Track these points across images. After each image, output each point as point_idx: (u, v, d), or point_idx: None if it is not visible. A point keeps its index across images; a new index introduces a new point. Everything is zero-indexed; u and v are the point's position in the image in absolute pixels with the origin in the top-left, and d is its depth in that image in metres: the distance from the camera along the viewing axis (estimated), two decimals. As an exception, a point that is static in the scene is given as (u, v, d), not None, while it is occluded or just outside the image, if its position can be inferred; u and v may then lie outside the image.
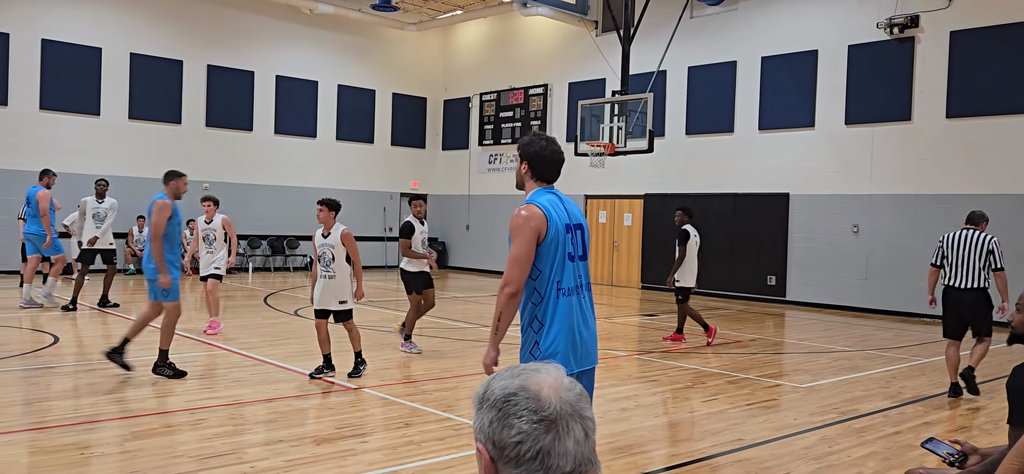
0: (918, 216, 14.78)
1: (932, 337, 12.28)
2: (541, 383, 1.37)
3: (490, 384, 1.40)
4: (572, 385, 1.39)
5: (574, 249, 3.70)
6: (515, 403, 1.34)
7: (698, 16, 18.19)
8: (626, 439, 6.03)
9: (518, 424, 1.32)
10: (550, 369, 1.41)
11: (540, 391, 1.35)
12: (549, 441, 1.32)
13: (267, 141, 21.27)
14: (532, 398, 1.35)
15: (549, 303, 3.61)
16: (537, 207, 3.62)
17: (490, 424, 1.35)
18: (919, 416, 7.06)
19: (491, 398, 1.37)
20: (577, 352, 3.67)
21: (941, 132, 14.61)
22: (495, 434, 1.34)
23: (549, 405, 1.34)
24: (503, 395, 1.36)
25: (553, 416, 1.33)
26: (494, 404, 1.36)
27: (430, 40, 24.38)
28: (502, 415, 1.34)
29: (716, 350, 10.45)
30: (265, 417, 6.42)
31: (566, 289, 3.63)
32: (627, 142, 15.68)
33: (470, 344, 10.47)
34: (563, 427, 1.33)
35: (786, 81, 16.74)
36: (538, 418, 1.32)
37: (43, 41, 17.99)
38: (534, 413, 1.33)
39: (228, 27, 20.54)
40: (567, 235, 3.66)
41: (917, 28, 14.82)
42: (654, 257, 19.24)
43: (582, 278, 3.76)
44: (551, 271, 3.61)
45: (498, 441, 1.34)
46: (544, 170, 3.74)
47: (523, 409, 1.33)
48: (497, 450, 1.34)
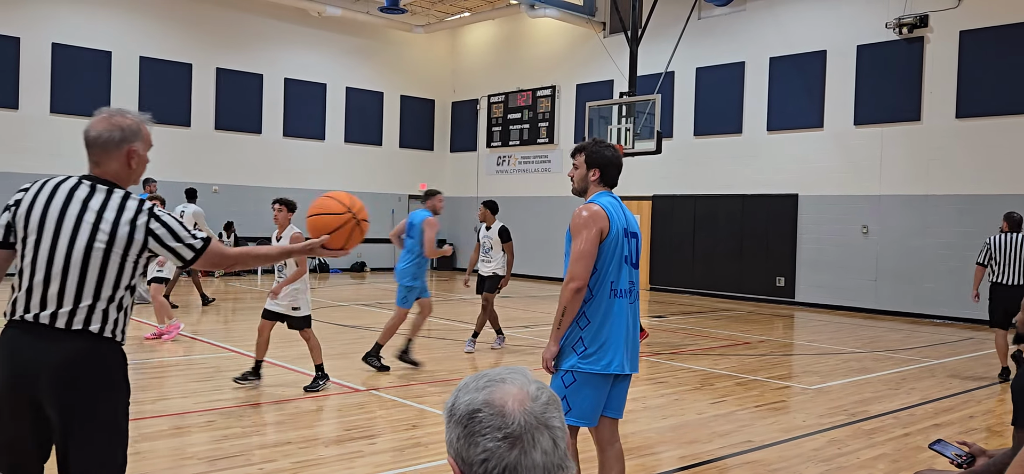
0: (928, 217, 14.71)
1: (942, 339, 12.23)
2: (506, 396, 1.33)
3: (457, 397, 1.37)
4: (539, 393, 1.35)
5: (631, 254, 3.78)
6: (479, 420, 1.31)
7: (706, 17, 18.15)
8: (635, 441, 6.02)
9: (483, 442, 1.29)
10: (516, 377, 1.37)
11: (504, 405, 1.32)
12: (515, 457, 1.28)
13: (276, 143, 21.35)
14: (496, 414, 1.31)
15: (601, 302, 3.66)
16: (600, 207, 3.70)
17: (458, 440, 1.33)
18: (929, 418, 7.02)
19: (457, 413, 1.34)
20: (631, 354, 3.74)
21: (951, 132, 14.54)
22: (462, 451, 1.32)
23: (513, 420, 1.30)
24: (467, 411, 1.33)
25: (518, 432, 1.29)
26: (459, 420, 1.33)
27: (438, 42, 24.42)
28: (467, 433, 1.31)
29: (725, 352, 10.43)
30: (274, 419, 6.44)
31: (620, 291, 3.70)
32: (635, 143, 15.64)
33: (479, 345, 10.47)
34: (528, 441, 1.29)
35: (794, 82, 16.70)
36: (503, 435, 1.29)
37: (53, 45, 18.10)
38: (498, 430, 1.29)
39: (237, 30, 20.63)
40: (625, 239, 3.73)
41: (926, 28, 14.76)
42: (663, 259, 19.20)
43: (635, 285, 3.82)
44: (607, 271, 3.67)
45: (466, 458, 1.31)
46: (613, 176, 3.87)
47: (487, 427, 1.30)
48: (465, 465, 1.32)
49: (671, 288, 18.93)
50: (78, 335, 2.70)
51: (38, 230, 2.73)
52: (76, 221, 2.71)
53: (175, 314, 11.00)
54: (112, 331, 2.76)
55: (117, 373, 2.79)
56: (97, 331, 2.71)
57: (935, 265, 14.48)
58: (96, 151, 2.80)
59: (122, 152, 2.80)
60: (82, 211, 2.73)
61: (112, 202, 2.76)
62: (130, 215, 2.75)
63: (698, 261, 18.43)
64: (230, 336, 10.55)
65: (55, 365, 2.66)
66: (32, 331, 2.70)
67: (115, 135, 2.78)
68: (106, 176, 2.81)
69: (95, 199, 2.75)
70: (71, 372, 2.67)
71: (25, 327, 2.71)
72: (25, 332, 2.71)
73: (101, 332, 2.72)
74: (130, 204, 2.78)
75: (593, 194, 3.81)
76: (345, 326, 11.81)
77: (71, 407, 2.66)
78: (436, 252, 8.66)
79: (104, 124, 2.79)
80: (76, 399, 2.67)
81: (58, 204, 2.74)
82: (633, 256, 3.79)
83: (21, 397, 2.69)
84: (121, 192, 2.80)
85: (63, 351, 2.67)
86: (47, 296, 2.69)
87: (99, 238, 2.71)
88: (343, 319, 12.58)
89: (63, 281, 2.69)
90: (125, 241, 2.73)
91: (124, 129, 2.79)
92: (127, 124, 2.80)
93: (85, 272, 2.69)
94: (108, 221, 2.72)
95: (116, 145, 2.79)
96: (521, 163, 22.55)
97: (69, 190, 2.78)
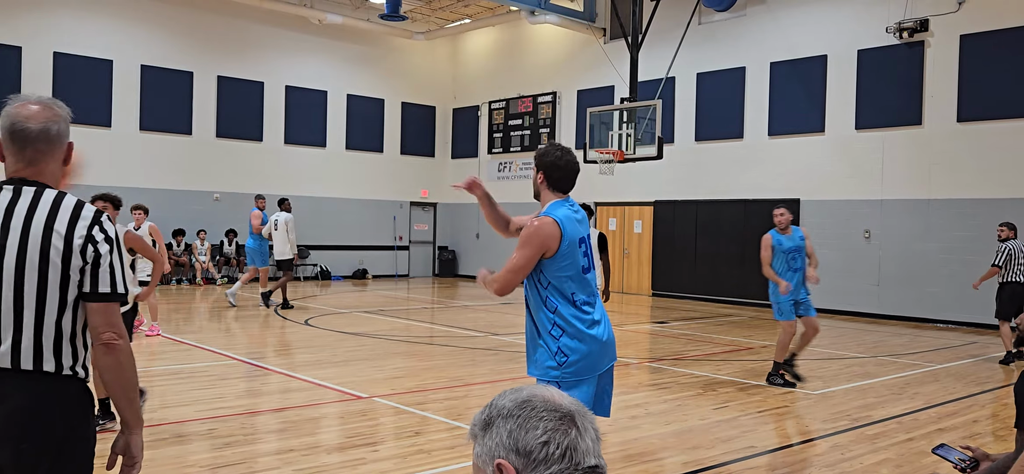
0: (930, 221, 14.69)
1: (945, 343, 12.20)
2: (545, 391, 1.40)
3: (494, 403, 1.40)
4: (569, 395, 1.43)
5: (587, 260, 3.73)
6: (532, 406, 1.36)
7: (706, 22, 18.17)
8: (637, 447, 6.00)
9: (542, 424, 1.33)
10: (543, 387, 1.44)
11: (551, 396, 1.38)
12: (574, 436, 1.33)
13: (277, 151, 21.36)
14: (546, 401, 1.37)
15: (566, 312, 3.62)
16: (552, 219, 3.62)
17: (509, 435, 1.34)
18: (933, 422, 7.00)
19: (503, 412, 1.37)
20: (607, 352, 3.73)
21: (952, 136, 14.53)
22: (518, 441, 1.33)
23: (564, 405, 1.37)
24: (516, 403, 1.37)
25: (571, 413, 1.36)
26: (509, 414, 1.36)
27: (439, 49, 24.46)
28: (522, 419, 1.34)
29: (727, 357, 10.40)
30: (276, 426, 6.42)
31: (581, 303, 3.65)
32: (636, 149, 15.66)
33: (480, 352, 10.46)
34: (581, 423, 1.35)
35: (795, 86, 16.70)
36: (559, 416, 1.34)
37: (55, 54, 18.14)
38: (553, 411, 1.35)
39: (238, 38, 20.66)
40: (580, 248, 3.68)
41: (927, 32, 14.76)
42: (665, 264, 19.18)
43: (593, 285, 3.79)
44: (564, 286, 3.62)
45: (523, 446, 1.32)
46: (559, 180, 3.75)
47: (542, 410, 1.35)
48: (523, 457, 1.32)
49: (673, 293, 18.91)
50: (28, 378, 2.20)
51: None
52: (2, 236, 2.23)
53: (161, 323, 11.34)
54: (72, 368, 2.26)
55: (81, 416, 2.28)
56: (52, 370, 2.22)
57: (937, 269, 14.45)
58: (38, 146, 2.30)
59: (63, 147, 2.36)
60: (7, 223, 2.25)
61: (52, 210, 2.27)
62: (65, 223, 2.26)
63: (700, 266, 18.41)
64: (232, 344, 10.55)
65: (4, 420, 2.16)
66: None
67: (59, 128, 2.34)
68: (38, 177, 2.32)
69: (23, 205, 2.26)
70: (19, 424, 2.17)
71: None
72: None
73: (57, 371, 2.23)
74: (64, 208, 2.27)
75: (547, 202, 3.75)
76: (347, 333, 11.80)
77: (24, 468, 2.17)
78: (771, 274, 8.74)
79: (41, 114, 2.31)
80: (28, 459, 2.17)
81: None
82: (588, 262, 3.76)
83: None
84: (48, 191, 2.30)
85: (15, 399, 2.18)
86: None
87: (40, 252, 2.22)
88: (345, 326, 12.57)
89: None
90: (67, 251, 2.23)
91: (62, 120, 2.36)
92: (64, 114, 2.38)
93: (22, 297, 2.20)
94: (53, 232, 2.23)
95: (60, 139, 2.34)
96: (522, 169, 22.56)
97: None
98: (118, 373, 2.30)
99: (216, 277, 19.83)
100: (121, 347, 2.28)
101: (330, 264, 22.07)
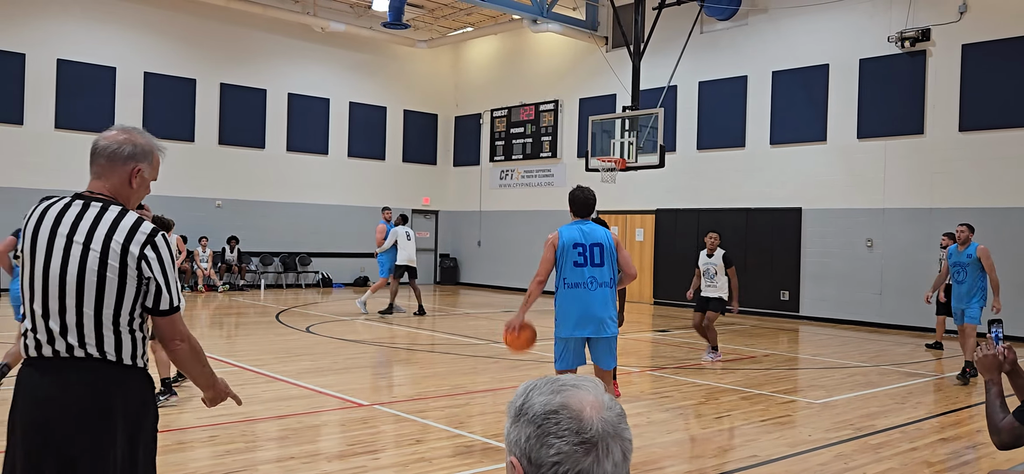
0: (933, 230, 14.66)
1: (949, 352, 12.17)
2: (583, 402, 1.33)
3: (529, 396, 1.36)
4: (612, 404, 1.36)
5: (582, 258, 5.57)
6: (556, 422, 1.31)
7: (708, 31, 18.20)
8: (639, 456, 5.98)
9: (558, 444, 1.29)
10: (589, 386, 1.37)
11: (582, 411, 1.32)
12: (589, 464, 1.29)
13: (279, 158, 21.39)
14: (574, 418, 1.31)
15: (558, 292, 5.68)
16: (556, 232, 5.67)
17: (527, 440, 1.32)
18: (935, 432, 6.98)
19: (530, 413, 1.34)
20: (586, 325, 5.58)
21: (954, 146, 14.53)
22: (532, 451, 1.31)
23: (591, 427, 1.31)
24: (544, 412, 1.33)
25: (595, 438, 1.30)
26: (533, 419, 1.33)
27: (441, 57, 24.50)
28: (541, 433, 1.31)
29: (729, 366, 10.38)
30: (277, 434, 6.41)
31: (571, 284, 5.61)
32: (638, 157, 15.66)
33: (482, 360, 10.44)
34: (603, 450, 1.30)
35: (797, 95, 16.71)
36: (579, 440, 1.29)
37: (58, 61, 18.19)
38: (576, 434, 1.30)
39: (241, 46, 20.72)
40: (575, 249, 5.58)
41: (928, 42, 14.77)
42: (666, 272, 19.17)
43: (595, 278, 5.59)
44: (561, 271, 5.63)
45: (535, 458, 1.31)
46: (578, 209, 5.75)
47: (565, 429, 1.30)
48: (533, 467, 1.31)
49: (675, 302, 18.88)
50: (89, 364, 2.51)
51: (33, 255, 2.58)
52: (64, 237, 2.54)
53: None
54: (132, 358, 2.58)
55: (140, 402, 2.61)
56: (114, 359, 2.54)
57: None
58: (101, 162, 2.64)
59: (128, 168, 2.64)
60: (68, 228, 2.55)
61: (114, 223, 2.55)
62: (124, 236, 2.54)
63: (702, 275, 18.37)
64: (233, 351, 10.53)
65: (67, 402, 2.48)
66: (42, 366, 2.54)
67: (125, 149, 2.64)
68: (104, 191, 2.63)
69: (88, 214, 2.56)
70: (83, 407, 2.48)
71: (37, 363, 2.55)
72: (36, 368, 2.55)
73: (119, 360, 2.55)
74: (125, 223, 2.56)
75: (566, 224, 5.74)
76: (348, 340, 11.79)
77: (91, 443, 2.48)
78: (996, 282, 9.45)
79: (115, 137, 2.66)
80: (95, 433, 2.48)
81: (48, 221, 2.59)
82: (594, 258, 5.58)
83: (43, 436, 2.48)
84: (111, 206, 2.59)
85: (76, 384, 2.50)
86: (51, 329, 2.52)
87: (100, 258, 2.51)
88: (346, 333, 12.56)
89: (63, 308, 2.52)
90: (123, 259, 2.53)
91: (136, 146, 2.66)
92: (140, 142, 2.67)
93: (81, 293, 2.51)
94: (112, 242, 2.52)
95: (123, 160, 2.64)
96: (524, 177, 22.57)
97: (61, 207, 2.61)
98: (186, 365, 2.76)
99: (218, 284, 19.83)
100: (184, 348, 2.69)
101: (331, 271, 22.07)
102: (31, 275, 2.58)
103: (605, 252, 5.60)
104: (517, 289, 21.95)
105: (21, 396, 2.56)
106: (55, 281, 2.53)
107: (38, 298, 2.55)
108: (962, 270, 9.56)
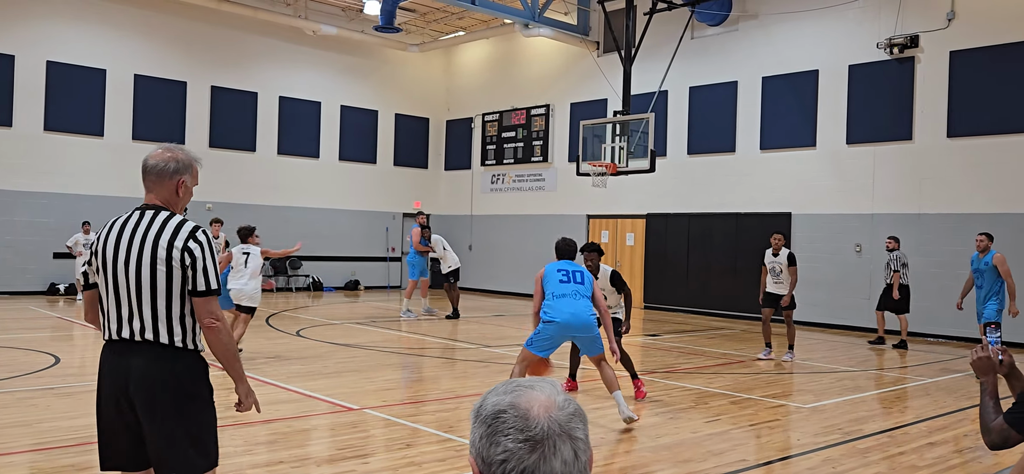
0: (921, 236, 14.76)
1: (936, 357, 12.25)
2: (532, 401, 1.36)
3: (485, 398, 1.40)
4: (566, 404, 1.38)
5: (564, 277, 6.86)
6: (503, 420, 1.34)
7: (699, 36, 18.27)
8: (629, 460, 6.00)
9: (504, 442, 1.32)
10: (545, 386, 1.39)
11: (529, 409, 1.35)
12: (534, 461, 1.31)
13: (270, 162, 21.34)
14: (520, 417, 1.34)
15: (548, 301, 6.83)
16: (543, 269, 7.00)
17: (480, 439, 1.36)
18: (923, 436, 7.02)
19: (483, 414, 1.37)
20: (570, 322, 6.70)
21: (943, 151, 14.63)
22: (483, 450, 1.34)
23: (537, 425, 1.33)
24: (493, 411, 1.36)
25: (540, 436, 1.32)
26: (484, 419, 1.36)
27: (433, 61, 24.51)
28: (490, 432, 1.34)
29: (719, 370, 10.42)
30: (266, 438, 6.39)
31: (557, 295, 6.79)
32: (629, 162, 15.71)
33: (473, 365, 10.44)
34: (549, 448, 1.32)
35: (787, 101, 16.79)
36: (524, 437, 1.32)
37: (48, 63, 18.11)
38: (520, 432, 1.32)
39: (232, 49, 20.67)
40: (559, 273, 6.89)
41: (917, 48, 14.87)
42: (657, 277, 19.21)
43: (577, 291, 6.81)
44: (548, 289, 6.88)
45: (486, 457, 1.34)
46: (561, 252, 7.22)
47: (510, 427, 1.33)
48: (485, 465, 1.34)
49: (665, 306, 18.93)
50: (151, 347, 3.12)
51: (104, 262, 3.20)
52: (127, 244, 3.16)
53: None
54: (183, 341, 3.17)
55: (190, 377, 3.19)
56: (167, 342, 3.13)
57: (928, 284, 14.50)
58: (151, 178, 3.22)
59: (174, 183, 3.22)
60: (130, 235, 3.17)
61: (162, 226, 3.15)
62: (169, 236, 3.13)
63: (692, 279, 18.45)
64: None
65: (137, 376, 3.12)
66: (117, 348, 3.18)
67: (172, 167, 3.22)
68: (157, 201, 3.23)
69: (145, 223, 3.16)
70: (150, 378, 3.10)
71: (113, 345, 3.20)
72: (114, 349, 3.19)
73: (171, 343, 3.14)
74: (171, 225, 3.16)
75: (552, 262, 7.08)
76: (339, 344, 11.77)
77: (156, 408, 3.10)
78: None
79: (162, 156, 3.23)
80: (159, 401, 3.10)
81: (114, 232, 3.20)
82: (575, 278, 6.86)
83: (118, 405, 3.15)
84: (163, 213, 3.20)
85: (140, 363, 3.11)
86: (121, 317, 3.15)
87: (152, 258, 3.12)
88: (337, 337, 12.54)
89: (127, 299, 3.14)
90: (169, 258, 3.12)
91: (178, 162, 3.23)
92: (181, 158, 3.24)
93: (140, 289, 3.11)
94: (160, 243, 3.12)
95: (169, 175, 3.22)
96: (516, 181, 22.59)
97: (124, 219, 3.23)
98: (218, 346, 3.22)
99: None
100: (218, 328, 3.18)
101: (322, 275, 22.03)
102: (105, 274, 3.19)
103: (585, 276, 6.90)
104: (507, 293, 21.97)
105: (103, 371, 3.23)
106: (123, 278, 3.14)
107: (111, 293, 3.18)
108: (980, 276, 10.36)
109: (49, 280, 18.30)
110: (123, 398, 3.14)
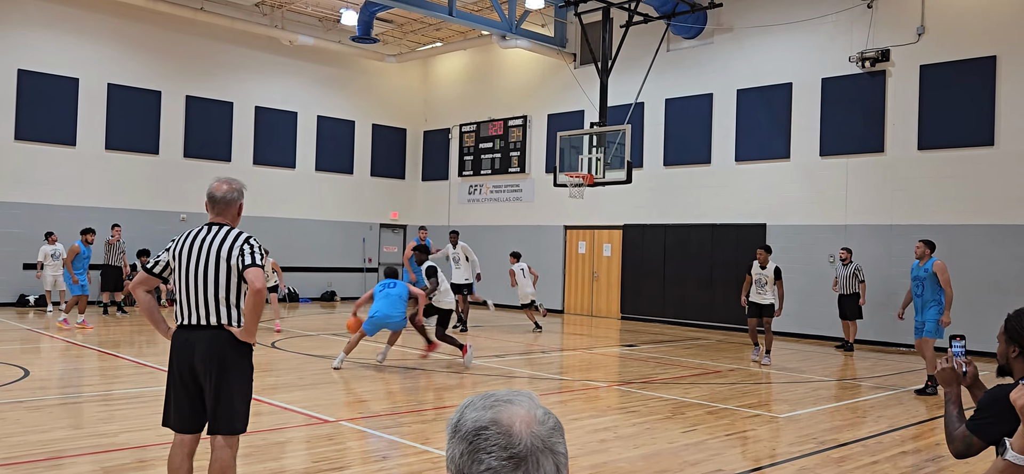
0: (893, 246, 14.96)
1: (909, 366, 12.40)
2: (513, 417, 1.34)
3: (463, 414, 1.38)
4: (546, 418, 1.37)
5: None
6: (485, 437, 1.32)
7: (675, 49, 18.43)
8: (605, 470, 6.00)
9: (487, 460, 1.30)
10: (523, 400, 1.38)
11: (512, 426, 1.33)
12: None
13: (246, 172, 21.15)
14: (503, 434, 1.32)
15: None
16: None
17: (460, 456, 1.33)
18: (896, 445, 7.10)
19: (462, 430, 1.35)
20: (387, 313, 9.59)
21: (913, 164, 14.86)
22: (464, 467, 1.32)
23: (520, 442, 1.31)
24: (474, 428, 1.34)
25: (523, 453, 1.31)
26: (465, 436, 1.34)
27: (410, 72, 24.49)
28: (472, 449, 1.32)
29: (696, 381, 10.47)
30: (242, 451, 6.30)
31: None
32: (606, 173, 15.79)
33: (452, 375, 10.41)
34: (532, 464, 1.31)
35: (762, 113, 16.97)
36: (508, 455, 1.30)
37: (20, 71, 17.85)
38: (504, 450, 1.31)
39: (207, 58, 20.51)
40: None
41: (888, 62, 15.11)
42: (633, 288, 19.29)
43: (397, 294, 9.85)
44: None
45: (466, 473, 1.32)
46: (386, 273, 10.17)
47: (493, 444, 1.31)
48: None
49: (642, 317, 19.01)
50: (212, 329, 4.16)
51: (180, 263, 4.24)
52: (198, 252, 4.19)
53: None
54: (237, 322, 4.21)
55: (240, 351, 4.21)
56: (225, 323, 4.17)
57: (900, 294, 14.64)
58: (220, 205, 4.28)
59: (236, 207, 4.33)
60: (202, 245, 4.20)
61: (224, 237, 4.20)
62: (230, 243, 4.19)
63: (669, 290, 18.54)
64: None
65: (202, 351, 4.14)
66: (187, 330, 4.21)
67: (234, 196, 4.32)
68: (223, 221, 4.28)
69: (213, 236, 4.21)
70: (212, 352, 4.13)
71: (183, 328, 4.22)
72: (183, 331, 4.22)
73: (228, 323, 4.17)
74: (231, 235, 4.22)
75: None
76: (315, 356, 11.68)
77: (214, 374, 4.12)
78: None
79: (227, 188, 4.31)
80: (217, 369, 4.12)
81: (188, 242, 4.23)
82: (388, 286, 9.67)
83: (187, 373, 4.18)
84: (226, 228, 4.26)
85: (206, 340, 4.14)
86: (192, 305, 4.18)
87: (216, 261, 4.15)
88: (313, 349, 12.44)
89: (198, 293, 4.17)
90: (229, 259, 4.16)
91: (239, 192, 4.34)
92: (239, 188, 4.35)
93: (207, 285, 4.15)
94: (223, 249, 4.17)
95: (233, 202, 4.32)
96: (493, 192, 22.60)
97: (196, 232, 4.26)
98: (250, 302, 4.13)
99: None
100: (260, 291, 4.11)
101: (298, 286, 21.87)
102: (179, 273, 4.23)
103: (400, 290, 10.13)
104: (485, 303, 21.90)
105: (174, 348, 4.24)
106: (193, 277, 4.17)
107: (184, 288, 4.21)
108: (920, 284, 9.81)
109: (19, 291, 17.99)
110: (187, 370, 4.14)
